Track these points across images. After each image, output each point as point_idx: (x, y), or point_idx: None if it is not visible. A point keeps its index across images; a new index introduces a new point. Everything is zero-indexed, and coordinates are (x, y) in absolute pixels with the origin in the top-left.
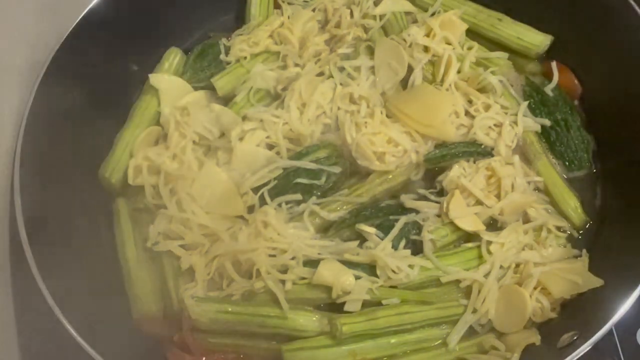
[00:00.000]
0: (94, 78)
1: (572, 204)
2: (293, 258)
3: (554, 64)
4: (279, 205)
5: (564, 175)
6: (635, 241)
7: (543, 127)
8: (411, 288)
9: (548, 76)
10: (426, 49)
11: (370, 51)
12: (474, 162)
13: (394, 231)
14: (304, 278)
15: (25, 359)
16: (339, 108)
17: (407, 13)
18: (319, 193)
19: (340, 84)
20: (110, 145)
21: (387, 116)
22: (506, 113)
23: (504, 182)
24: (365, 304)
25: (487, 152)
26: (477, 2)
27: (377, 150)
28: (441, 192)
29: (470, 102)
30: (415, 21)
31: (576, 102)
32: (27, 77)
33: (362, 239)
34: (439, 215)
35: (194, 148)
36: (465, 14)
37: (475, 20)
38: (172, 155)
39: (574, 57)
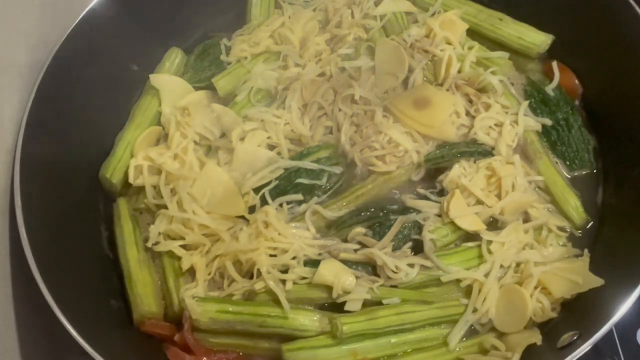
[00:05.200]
0: (94, 78)
1: (572, 203)
2: (294, 258)
3: (554, 64)
4: (280, 205)
5: (565, 175)
6: (636, 241)
7: (544, 126)
8: (411, 287)
9: (549, 76)
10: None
11: (371, 51)
12: (475, 162)
13: (393, 230)
14: (304, 278)
15: (25, 359)
16: (339, 109)
17: (408, 13)
18: (320, 193)
19: None
20: (110, 145)
21: (388, 116)
22: (507, 112)
23: (504, 181)
24: (366, 304)
25: (487, 152)
26: (477, 2)
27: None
28: (442, 192)
29: (470, 102)
30: (415, 21)
31: (577, 102)
32: (27, 77)
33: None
34: (439, 215)
35: (195, 148)
36: (466, 14)
37: (475, 20)
38: (173, 155)
39: (575, 57)
